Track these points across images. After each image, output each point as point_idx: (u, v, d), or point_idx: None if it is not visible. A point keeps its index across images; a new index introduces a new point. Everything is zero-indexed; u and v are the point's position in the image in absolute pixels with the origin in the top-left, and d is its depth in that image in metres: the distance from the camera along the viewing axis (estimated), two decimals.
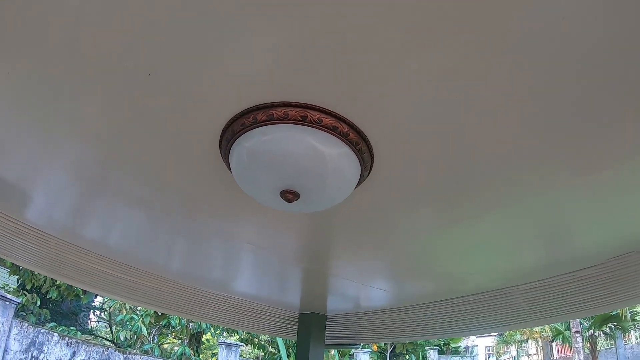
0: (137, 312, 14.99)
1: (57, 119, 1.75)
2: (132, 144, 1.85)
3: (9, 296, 12.25)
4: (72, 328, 15.51)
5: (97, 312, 21.46)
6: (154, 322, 15.04)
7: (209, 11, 1.19)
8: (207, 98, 1.52)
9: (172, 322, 14.95)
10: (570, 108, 1.41)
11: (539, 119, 1.46)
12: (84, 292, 14.80)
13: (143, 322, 14.69)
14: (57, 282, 13.75)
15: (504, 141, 1.57)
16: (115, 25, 1.28)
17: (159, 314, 14.43)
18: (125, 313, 15.00)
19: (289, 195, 1.63)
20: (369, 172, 1.78)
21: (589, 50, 1.21)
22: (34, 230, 2.81)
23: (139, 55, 1.37)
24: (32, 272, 12.79)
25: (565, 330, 22.63)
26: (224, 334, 17.51)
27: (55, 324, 14.98)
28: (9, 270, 13.55)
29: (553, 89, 1.34)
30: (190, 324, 15.50)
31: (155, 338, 15.62)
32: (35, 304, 14.11)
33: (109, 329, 18.69)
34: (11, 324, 12.11)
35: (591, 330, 21.70)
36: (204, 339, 17.35)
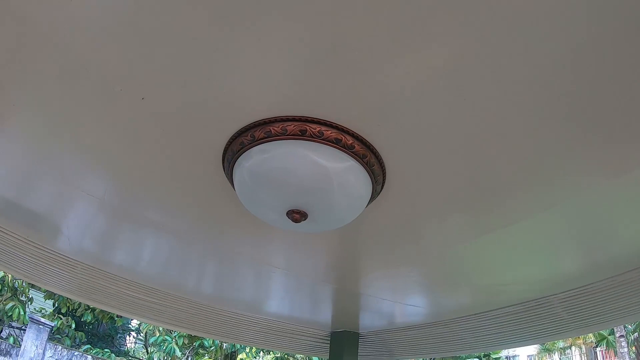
0: (171, 333, 15.07)
1: (67, 150, 1.79)
2: (138, 170, 1.85)
3: (42, 320, 12.57)
4: (106, 350, 15.69)
5: (134, 334, 21.71)
6: (188, 343, 15.08)
7: (200, 30, 1.15)
8: (203, 118, 1.46)
9: (206, 342, 14.99)
10: (599, 102, 1.28)
11: (563, 116, 1.33)
12: (119, 315, 15.00)
13: (176, 344, 14.74)
14: (92, 306, 13.97)
15: (526, 141, 1.44)
16: (104, 50, 1.26)
17: (192, 335, 14.48)
18: (158, 335, 15.10)
19: (296, 216, 1.53)
20: (382, 186, 1.67)
21: (617, 39, 1.08)
22: (64, 257, 2.90)
23: (131, 79, 1.35)
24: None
25: (609, 335, 21.84)
26: (260, 353, 17.41)
27: (89, 346, 15.19)
28: (44, 294, 13.81)
29: (577, 82, 1.22)
30: (225, 344, 15.48)
31: (190, 359, 15.67)
32: (71, 327, 14.35)
33: (145, 350, 18.87)
34: (45, 347, 12.40)
35: (636, 334, 20.88)
36: (238, 359, 17.28)
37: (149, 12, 1.13)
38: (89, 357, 13.81)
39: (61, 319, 14.01)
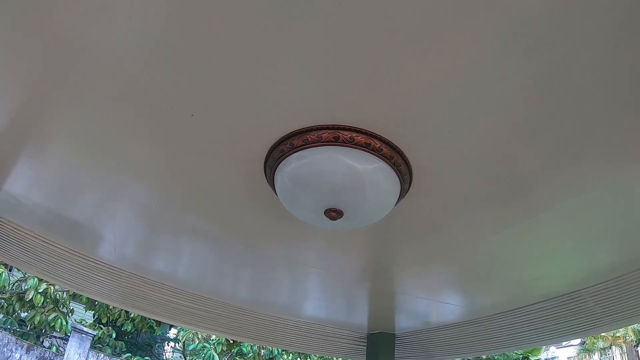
0: (210, 341, 15.20)
1: (114, 162, 1.94)
2: (184, 180, 2.00)
3: (85, 329, 12.83)
4: (146, 358, 15.94)
5: (172, 344, 21.97)
6: (226, 350, 15.16)
7: (244, 49, 1.29)
8: (247, 131, 1.63)
9: (244, 349, 15.04)
10: (620, 82, 1.30)
11: (592, 96, 1.34)
12: (158, 324, 15.24)
13: (215, 351, 14.82)
14: (131, 316, 14.24)
15: (548, 130, 1.48)
16: (152, 71, 1.41)
17: (231, 341, 14.58)
18: (197, 342, 15.24)
19: (333, 214, 1.69)
20: (410, 184, 1.80)
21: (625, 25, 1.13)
22: (106, 265, 3.03)
23: (180, 97, 1.50)
24: (107, 307, 13.34)
25: None
26: (298, 359, 17.39)
27: (130, 354, 15.45)
28: (85, 306, 14.13)
29: (592, 71, 1.26)
30: (262, 351, 15.50)
31: None
32: (111, 336, 14.64)
33: (184, 358, 19.09)
34: (88, 355, 12.66)
35: None
36: None
37: (193, 35, 1.26)
38: None
39: (102, 328, 14.29)
